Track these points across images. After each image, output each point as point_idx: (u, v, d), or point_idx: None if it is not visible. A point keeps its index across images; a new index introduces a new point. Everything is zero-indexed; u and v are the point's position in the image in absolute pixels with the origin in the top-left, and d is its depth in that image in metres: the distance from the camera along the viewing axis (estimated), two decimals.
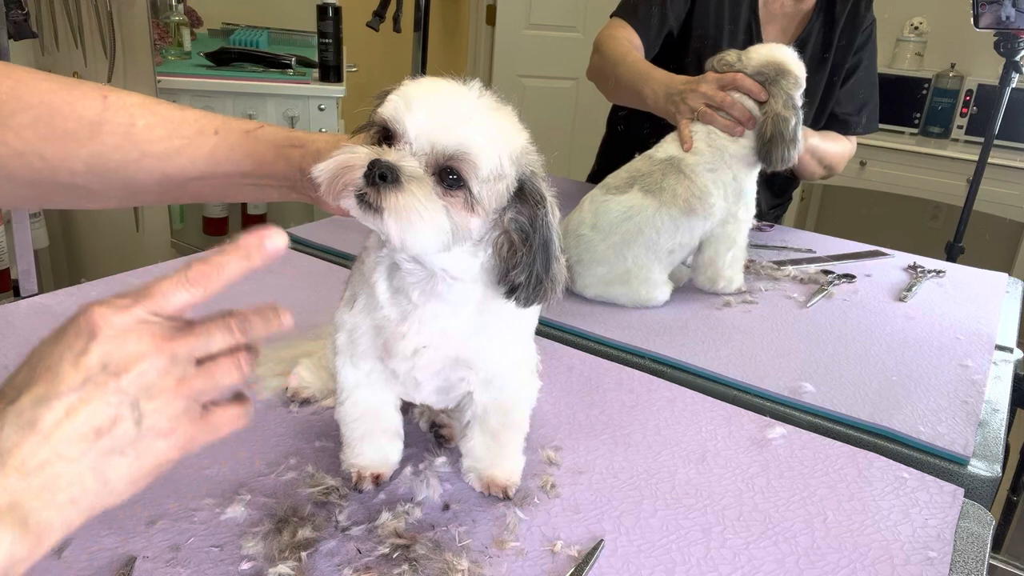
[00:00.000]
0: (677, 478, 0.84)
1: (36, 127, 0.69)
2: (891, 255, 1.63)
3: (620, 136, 1.90)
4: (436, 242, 0.63)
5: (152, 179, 0.75)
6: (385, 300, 0.71)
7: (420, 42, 2.33)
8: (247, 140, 0.76)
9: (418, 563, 0.68)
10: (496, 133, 0.63)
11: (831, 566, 0.73)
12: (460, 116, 0.62)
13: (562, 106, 4.00)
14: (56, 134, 0.69)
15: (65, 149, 0.70)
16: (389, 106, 0.63)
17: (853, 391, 1.05)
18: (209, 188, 0.79)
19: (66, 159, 0.70)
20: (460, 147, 0.61)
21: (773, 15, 1.66)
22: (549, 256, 0.67)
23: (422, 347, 0.71)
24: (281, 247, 0.54)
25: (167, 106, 0.76)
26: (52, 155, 0.70)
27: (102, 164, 0.72)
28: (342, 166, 0.62)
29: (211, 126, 0.76)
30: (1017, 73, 1.98)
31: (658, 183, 1.23)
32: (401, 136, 0.62)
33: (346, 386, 0.77)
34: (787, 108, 1.23)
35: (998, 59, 2.00)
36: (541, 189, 0.66)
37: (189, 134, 0.75)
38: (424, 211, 0.60)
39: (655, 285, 1.27)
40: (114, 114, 0.71)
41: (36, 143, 0.69)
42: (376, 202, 0.60)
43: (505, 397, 0.77)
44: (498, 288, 0.68)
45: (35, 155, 0.69)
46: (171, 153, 0.74)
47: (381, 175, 0.60)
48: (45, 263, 2.53)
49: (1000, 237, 3.15)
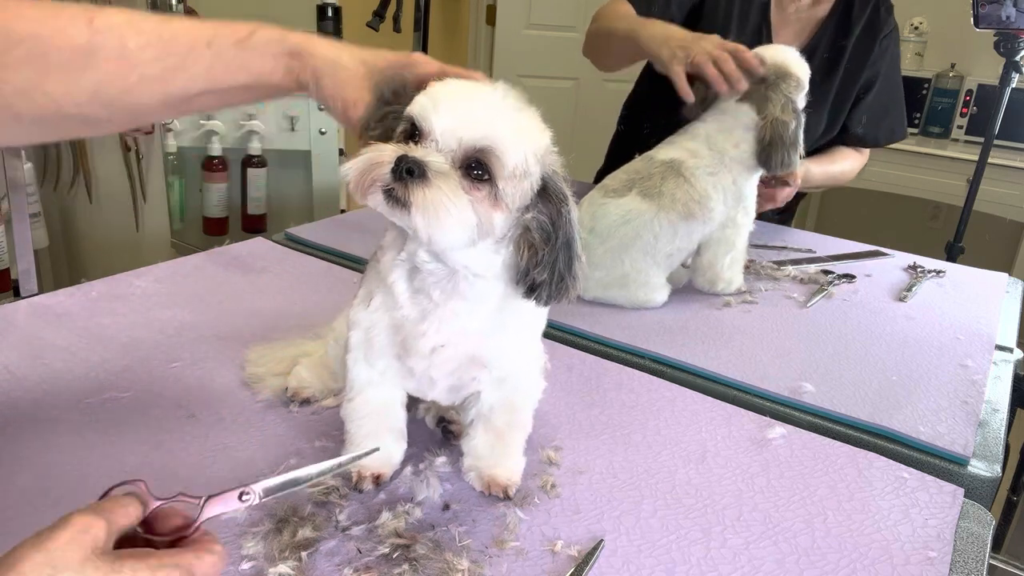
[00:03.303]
0: (677, 478, 0.84)
1: (32, 62, 0.68)
2: (891, 255, 1.63)
3: (620, 136, 1.90)
4: (462, 236, 0.63)
5: (155, 100, 0.74)
6: (405, 300, 0.71)
7: (420, 42, 2.33)
8: (241, 52, 0.74)
9: (418, 563, 0.68)
10: (522, 131, 0.65)
11: (831, 566, 0.73)
12: (486, 113, 0.64)
13: (562, 106, 4.00)
14: (52, 66, 0.68)
15: (65, 81, 0.69)
16: (416, 105, 0.64)
17: (853, 391, 1.05)
18: (214, 101, 0.77)
19: (69, 91, 0.70)
20: (486, 140, 0.62)
21: (787, 20, 1.63)
22: (572, 254, 0.68)
23: (440, 346, 0.72)
24: None
25: (154, 20, 0.73)
26: (54, 89, 0.69)
27: (104, 92, 0.71)
28: (370, 163, 0.62)
29: (203, 38, 0.73)
30: (1017, 73, 1.98)
31: (657, 187, 1.23)
32: (428, 134, 0.63)
33: (357, 383, 0.77)
34: (786, 112, 1.22)
35: (998, 59, 2.00)
36: (563, 188, 0.67)
37: (181, 51, 0.72)
38: (451, 205, 0.61)
39: (653, 288, 1.27)
40: (104, 38, 0.70)
41: (36, 79, 0.68)
42: (404, 197, 0.61)
43: (516, 396, 0.78)
44: (518, 287, 0.68)
45: (38, 91, 0.69)
46: (168, 73, 0.72)
47: (408, 170, 0.61)
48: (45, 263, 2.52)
49: (1000, 237, 3.15)
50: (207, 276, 1.27)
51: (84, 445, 0.81)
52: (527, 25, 3.95)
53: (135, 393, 0.92)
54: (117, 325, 1.08)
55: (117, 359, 0.98)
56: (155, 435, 0.84)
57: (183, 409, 0.89)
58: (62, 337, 1.03)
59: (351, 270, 1.32)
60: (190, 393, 0.93)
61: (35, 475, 0.76)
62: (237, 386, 0.95)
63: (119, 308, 1.13)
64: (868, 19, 1.60)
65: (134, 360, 0.98)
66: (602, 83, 3.88)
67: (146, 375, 0.96)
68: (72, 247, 2.80)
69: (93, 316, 1.10)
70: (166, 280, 1.23)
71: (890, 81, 1.68)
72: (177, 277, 1.25)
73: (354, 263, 1.34)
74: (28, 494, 0.73)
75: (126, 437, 0.83)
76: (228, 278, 1.26)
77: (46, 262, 2.55)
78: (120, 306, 1.13)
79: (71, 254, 2.81)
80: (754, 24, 1.61)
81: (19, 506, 0.72)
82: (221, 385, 0.95)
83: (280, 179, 2.57)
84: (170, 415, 0.88)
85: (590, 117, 3.90)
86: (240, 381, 0.96)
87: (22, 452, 0.79)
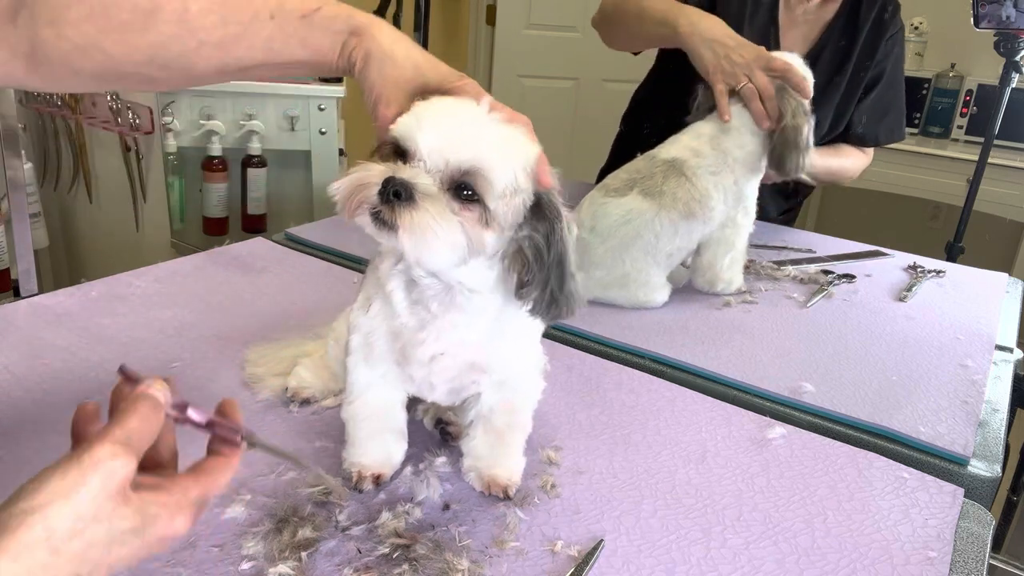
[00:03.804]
0: (677, 478, 0.84)
1: (93, 19, 0.68)
2: (891, 255, 1.63)
3: (622, 136, 1.89)
4: (451, 258, 0.63)
5: (212, 67, 0.73)
6: (403, 309, 0.71)
7: (420, 42, 2.33)
8: (303, 27, 0.73)
9: (418, 563, 0.68)
10: (510, 148, 0.64)
11: (831, 566, 0.73)
12: (472, 132, 0.63)
13: (562, 106, 4.00)
14: (113, 25, 0.68)
15: (124, 41, 0.69)
16: (402, 125, 0.64)
17: (853, 391, 1.05)
18: (271, 72, 0.77)
19: (127, 51, 0.69)
20: (474, 163, 0.62)
21: (795, 21, 1.62)
22: (564, 273, 0.67)
23: (439, 354, 0.72)
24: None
25: None
26: (112, 48, 0.69)
27: (162, 55, 0.71)
28: (357, 183, 0.62)
29: (266, 9, 0.72)
30: (1017, 73, 1.98)
31: (658, 186, 1.23)
32: (414, 154, 0.63)
33: (357, 386, 0.77)
34: (798, 116, 1.23)
35: (998, 59, 1.99)
36: (557, 204, 0.66)
37: (244, 19, 0.72)
38: (438, 228, 0.61)
39: (654, 288, 1.27)
40: (166, 0, 0.69)
41: (96, 36, 0.68)
42: (391, 220, 0.61)
43: (515, 397, 0.78)
44: (516, 301, 0.68)
45: (96, 49, 0.69)
46: (228, 41, 0.72)
47: (395, 192, 0.60)
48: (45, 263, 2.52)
49: (1000, 237, 3.15)
50: (207, 276, 1.26)
51: None
52: (527, 25, 3.95)
53: None
54: (117, 325, 1.08)
55: (117, 359, 0.98)
56: None
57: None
58: (62, 337, 1.03)
59: (351, 270, 1.32)
60: (190, 393, 0.92)
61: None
62: (237, 386, 0.95)
63: (119, 308, 1.13)
64: (875, 20, 1.60)
65: (134, 360, 0.98)
66: (602, 83, 3.89)
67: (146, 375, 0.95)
68: (72, 247, 2.80)
69: (93, 316, 1.10)
70: (166, 280, 1.23)
71: (893, 81, 1.67)
72: (177, 277, 1.25)
73: (354, 263, 1.34)
74: None
75: None
76: (228, 278, 1.26)
77: (46, 262, 2.55)
78: (120, 306, 1.13)
79: (71, 254, 2.81)
80: (761, 24, 1.60)
81: None
82: (221, 385, 0.95)
83: (280, 179, 2.57)
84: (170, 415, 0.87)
85: (590, 117, 3.91)
86: (240, 381, 0.96)
87: (22, 452, 0.79)
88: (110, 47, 0.69)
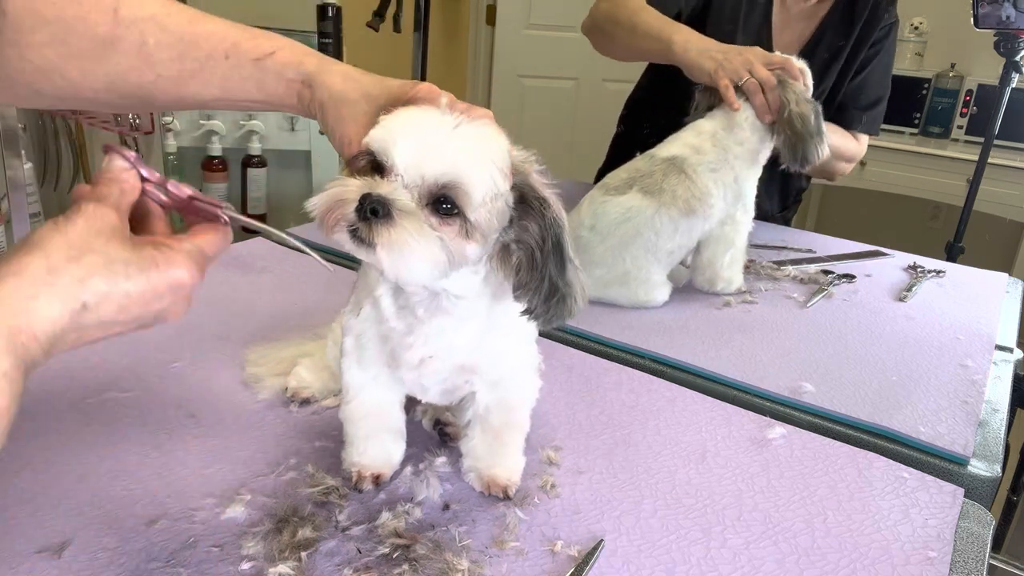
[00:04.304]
0: (677, 478, 0.84)
1: (54, 45, 0.68)
2: (891, 255, 1.63)
3: (620, 137, 1.89)
4: (431, 274, 0.62)
5: (170, 98, 0.74)
6: (391, 314, 0.71)
7: (420, 42, 2.33)
8: (257, 70, 0.73)
9: (418, 563, 0.68)
10: (482, 151, 0.62)
11: (831, 566, 0.73)
12: (442, 142, 0.61)
13: (562, 106, 4.00)
14: (72, 52, 0.69)
15: (83, 68, 0.70)
16: (376, 140, 0.63)
17: (853, 391, 1.05)
18: (227, 106, 0.78)
19: (86, 78, 0.70)
20: (449, 176, 0.60)
21: (789, 19, 1.62)
22: (563, 258, 0.65)
23: (428, 357, 0.72)
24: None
25: (182, 18, 0.73)
26: (72, 74, 0.70)
27: (120, 85, 0.71)
28: (335, 199, 0.61)
29: (221, 48, 0.73)
30: (1017, 73, 1.98)
31: (658, 184, 1.23)
32: (391, 169, 0.62)
33: (352, 387, 0.77)
34: (802, 104, 1.23)
35: (998, 59, 2.00)
36: (541, 191, 0.65)
37: (200, 56, 0.72)
38: (416, 245, 0.60)
39: (654, 286, 1.27)
40: (125, 31, 0.69)
41: (56, 61, 0.68)
42: (368, 237, 0.60)
43: (510, 396, 0.78)
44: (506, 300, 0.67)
45: (57, 73, 0.69)
46: (185, 77, 0.72)
47: (372, 210, 0.59)
48: None
49: (1000, 237, 3.15)
50: (207, 276, 1.26)
51: (84, 445, 0.81)
52: (527, 25, 3.95)
53: (135, 393, 0.92)
54: None
55: (117, 359, 0.98)
56: (155, 435, 0.84)
57: (183, 409, 0.89)
58: None
59: (351, 270, 1.32)
60: (190, 393, 0.93)
61: (35, 475, 0.76)
62: (237, 386, 0.95)
63: None
64: (869, 16, 1.60)
65: (134, 360, 0.98)
66: (602, 83, 3.89)
67: (146, 375, 0.96)
68: None
69: None
70: None
71: (883, 73, 1.66)
72: None
73: (354, 263, 1.33)
74: (28, 494, 0.73)
75: (126, 437, 0.83)
76: (228, 278, 1.26)
77: None
78: None
79: None
80: (755, 23, 1.60)
81: (19, 506, 0.72)
82: (221, 385, 0.95)
83: (280, 179, 2.57)
84: (170, 415, 0.88)
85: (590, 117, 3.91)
86: (240, 381, 0.96)
87: (22, 452, 0.79)
88: (70, 73, 0.69)
